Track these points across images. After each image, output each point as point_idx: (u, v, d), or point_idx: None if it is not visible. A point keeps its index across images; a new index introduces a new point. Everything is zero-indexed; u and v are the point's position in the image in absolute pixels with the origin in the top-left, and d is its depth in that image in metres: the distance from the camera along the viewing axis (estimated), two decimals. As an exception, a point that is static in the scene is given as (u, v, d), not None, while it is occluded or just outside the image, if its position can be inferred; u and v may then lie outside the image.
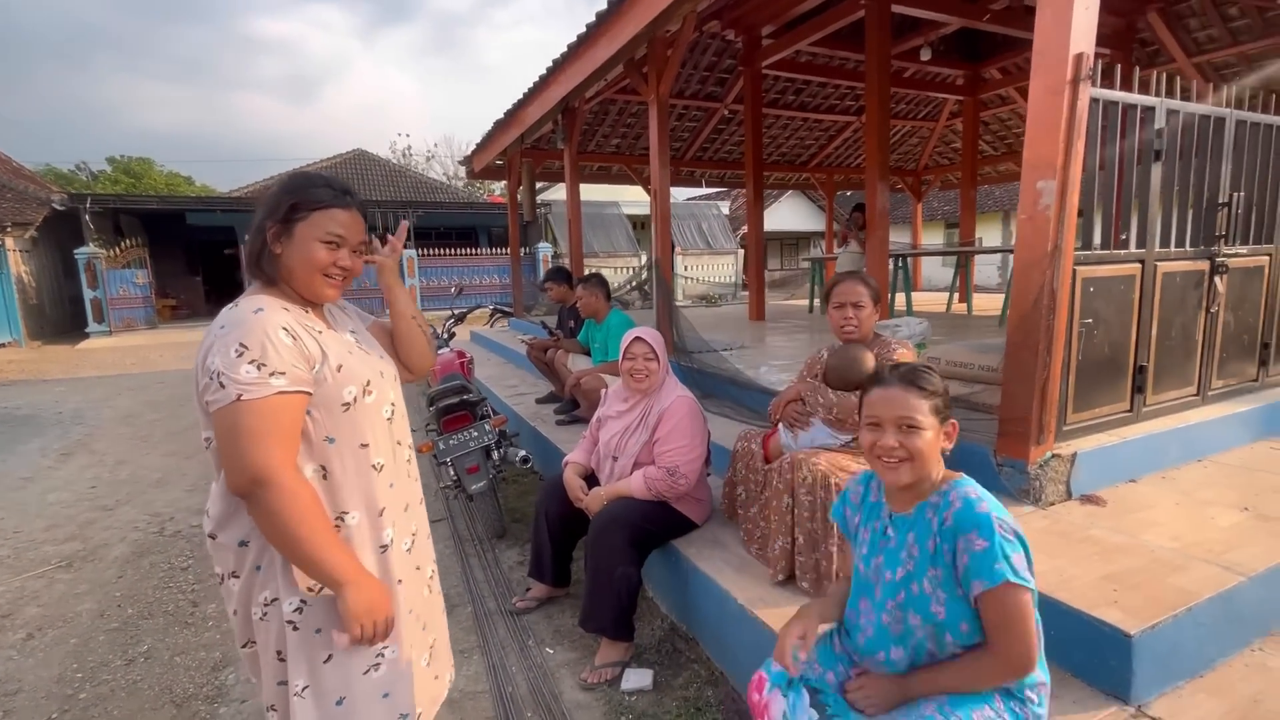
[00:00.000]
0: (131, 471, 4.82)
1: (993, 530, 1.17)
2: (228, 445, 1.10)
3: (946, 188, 12.69)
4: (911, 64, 7.26)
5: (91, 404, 7.44)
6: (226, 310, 1.18)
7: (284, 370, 1.12)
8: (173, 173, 36.38)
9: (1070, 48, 2.07)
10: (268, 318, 1.15)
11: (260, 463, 1.08)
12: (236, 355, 1.10)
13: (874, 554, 1.36)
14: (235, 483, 1.10)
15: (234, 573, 1.21)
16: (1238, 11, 5.95)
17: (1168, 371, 2.78)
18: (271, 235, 1.21)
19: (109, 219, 16.86)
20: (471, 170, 9.98)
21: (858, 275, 2.30)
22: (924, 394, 1.28)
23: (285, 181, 1.26)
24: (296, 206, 1.21)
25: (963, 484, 1.27)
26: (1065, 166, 2.14)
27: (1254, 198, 3.02)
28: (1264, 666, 1.69)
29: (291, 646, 1.18)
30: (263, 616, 1.20)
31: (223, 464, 1.13)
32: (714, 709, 2.01)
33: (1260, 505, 2.26)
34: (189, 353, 11.89)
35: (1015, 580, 1.15)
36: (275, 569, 1.18)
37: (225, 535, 1.20)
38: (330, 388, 1.21)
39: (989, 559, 1.16)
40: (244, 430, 1.08)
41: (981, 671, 1.22)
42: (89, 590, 3.02)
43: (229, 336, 1.12)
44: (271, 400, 1.10)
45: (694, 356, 4.72)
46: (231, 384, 1.08)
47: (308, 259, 1.22)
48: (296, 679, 1.19)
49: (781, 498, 2.09)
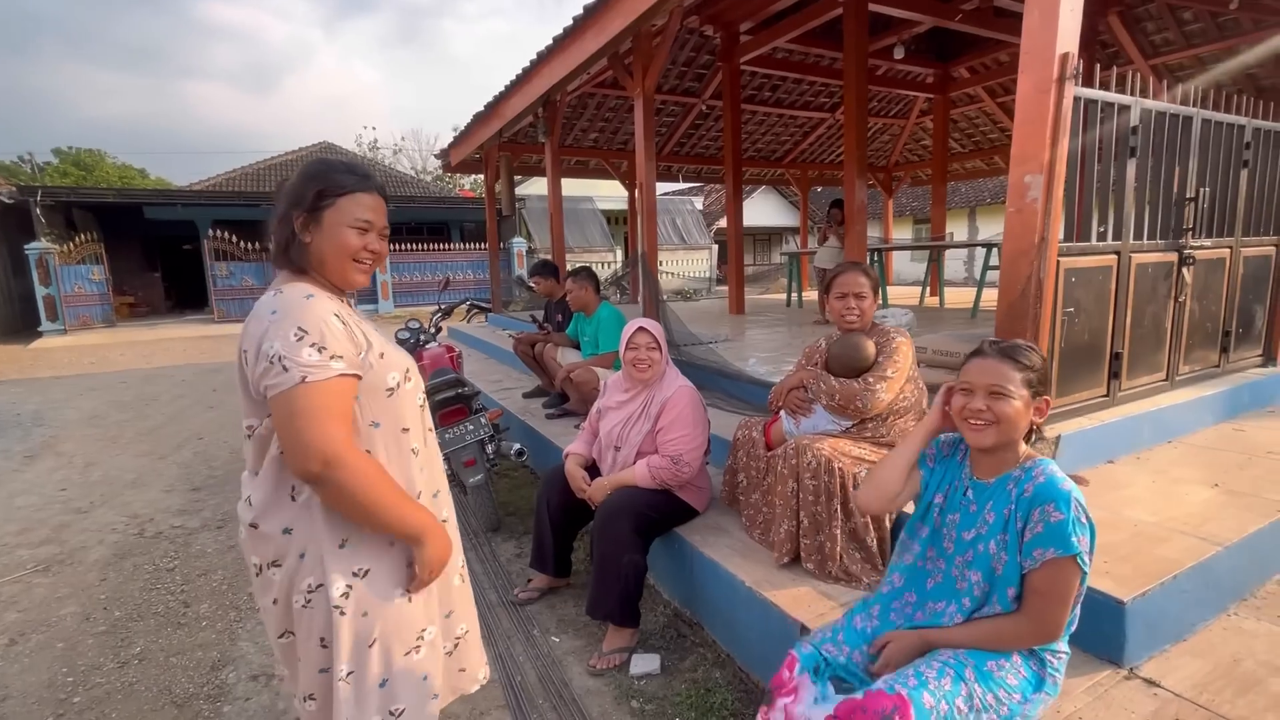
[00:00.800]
0: (104, 473, 4.66)
1: (1070, 506, 1.23)
2: (294, 427, 1.09)
3: (916, 184, 12.99)
4: (884, 62, 7.42)
5: (52, 405, 7.14)
6: (271, 297, 1.17)
7: (342, 354, 1.13)
8: (126, 165, 34.93)
9: (1057, 47, 2.16)
10: (320, 304, 1.16)
11: (331, 442, 1.09)
12: (296, 339, 1.10)
13: (952, 510, 1.43)
14: (304, 465, 1.09)
15: (275, 561, 1.20)
16: (1192, 16, 6.24)
17: (1140, 358, 2.93)
18: (300, 224, 1.21)
19: (61, 213, 16.14)
20: (448, 163, 9.86)
21: (859, 266, 2.34)
22: (1018, 366, 1.34)
23: (307, 169, 1.25)
24: (323, 194, 1.21)
25: (1048, 463, 1.33)
26: (1051, 161, 2.23)
27: (1217, 193, 3.19)
28: (1240, 629, 1.81)
29: (337, 632, 1.19)
30: (306, 604, 1.19)
31: (287, 447, 1.11)
32: (723, 690, 2.06)
33: (1228, 482, 2.40)
34: (150, 351, 11.49)
35: (1079, 559, 1.22)
36: (320, 555, 1.18)
37: (268, 523, 1.19)
38: (376, 374, 1.22)
39: (1064, 531, 1.22)
40: (311, 412, 1.09)
41: (1008, 632, 1.29)
42: (70, 594, 2.92)
43: (285, 321, 1.11)
44: (334, 382, 1.11)
45: (682, 349, 4.76)
46: (295, 367, 1.08)
47: (339, 245, 1.22)
48: (341, 664, 1.19)
49: (786, 482, 2.15)
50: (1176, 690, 1.57)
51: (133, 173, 34.62)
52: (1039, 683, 1.30)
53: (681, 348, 4.81)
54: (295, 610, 1.21)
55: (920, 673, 1.25)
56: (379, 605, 1.22)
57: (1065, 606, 1.25)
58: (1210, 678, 1.61)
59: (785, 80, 8.48)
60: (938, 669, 1.26)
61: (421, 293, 17.82)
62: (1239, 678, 1.60)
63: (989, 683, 1.26)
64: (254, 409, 1.17)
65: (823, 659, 1.45)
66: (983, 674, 1.26)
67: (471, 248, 18.86)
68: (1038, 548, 1.24)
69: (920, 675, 1.24)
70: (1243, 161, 3.28)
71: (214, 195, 18.18)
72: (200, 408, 6.76)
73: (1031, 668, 1.30)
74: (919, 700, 1.18)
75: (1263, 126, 3.34)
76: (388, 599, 1.23)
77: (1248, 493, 2.29)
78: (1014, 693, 1.26)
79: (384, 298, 17.78)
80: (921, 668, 1.27)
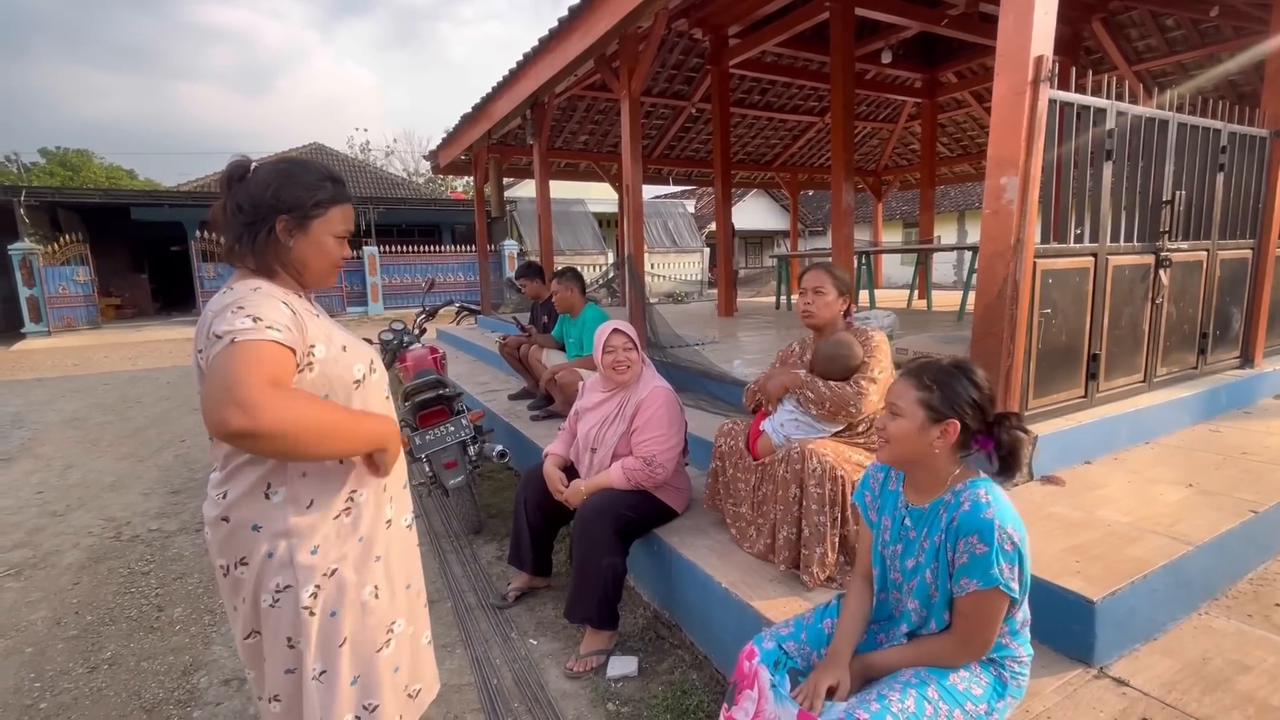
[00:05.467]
0: (82, 476, 4.60)
1: (993, 537, 1.23)
2: (218, 384, 1.02)
3: (905, 188, 13.07)
4: (872, 66, 7.46)
5: (32, 407, 7.05)
6: (220, 295, 1.16)
7: (278, 327, 1.10)
8: (114, 166, 34.65)
9: (1031, 50, 2.18)
10: (267, 290, 1.16)
11: (249, 387, 1.00)
12: (233, 314, 1.08)
13: (895, 541, 1.42)
14: (221, 416, 0.99)
15: (243, 559, 1.18)
16: (1174, 23, 6.32)
17: (1118, 360, 2.95)
18: (282, 227, 1.21)
19: (46, 213, 15.96)
20: (437, 165, 9.82)
21: (826, 265, 2.36)
22: (919, 385, 1.33)
23: (292, 174, 1.23)
24: (319, 203, 1.23)
25: (977, 486, 1.30)
26: (1027, 163, 2.25)
27: (1193, 196, 3.22)
28: (1210, 628, 1.82)
29: (307, 632, 1.18)
30: (274, 604, 1.18)
31: (206, 405, 1.03)
32: (699, 692, 2.05)
33: (1202, 482, 2.42)
34: (136, 353, 11.37)
35: (1004, 589, 1.23)
36: (289, 556, 1.17)
37: (237, 517, 1.17)
38: (341, 366, 1.22)
39: (986, 563, 1.23)
40: (235, 365, 1.02)
41: (939, 652, 1.31)
42: (42, 598, 2.88)
43: (227, 307, 1.11)
44: (265, 344, 1.06)
45: (668, 351, 4.76)
46: (227, 334, 1.06)
47: (325, 253, 1.25)
48: (313, 664, 1.19)
49: (789, 488, 2.10)
50: (1145, 689, 1.57)
51: (121, 173, 34.34)
52: (1001, 688, 1.30)
53: (667, 349, 4.81)
54: (263, 610, 1.19)
55: (883, 695, 1.25)
56: (348, 605, 1.22)
57: (990, 629, 1.27)
58: (1179, 676, 1.62)
59: (774, 84, 8.51)
60: (900, 689, 1.26)
61: (412, 295, 17.74)
62: (1207, 676, 1.61)
63: (954, 697, 1.26)
64: None
65: (782, 653, 1.46)
66: (946, 689, 1.26)
67: (462, 250, 18.80)
68: (964, 577, 1.26)
69: (883, 698, 1.24)
70: (1219, 165, 3.31)
71: (202, 196, 18.03)
72: (184, 410, 6.69)
73: (992, 673, 1.30)
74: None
75: (1238, 131, 3.38)
76: (356, 598, 1.23)
77: (1221, 492, 2.31)
78: (980, 703, 1.27)
79: (374, 300, 17.70)
80: (884, 689, 1.27)
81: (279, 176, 1.22)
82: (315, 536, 1.19)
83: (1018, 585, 1.23)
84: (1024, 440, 1.31)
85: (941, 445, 1.32)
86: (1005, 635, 1.30)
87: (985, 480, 1.32)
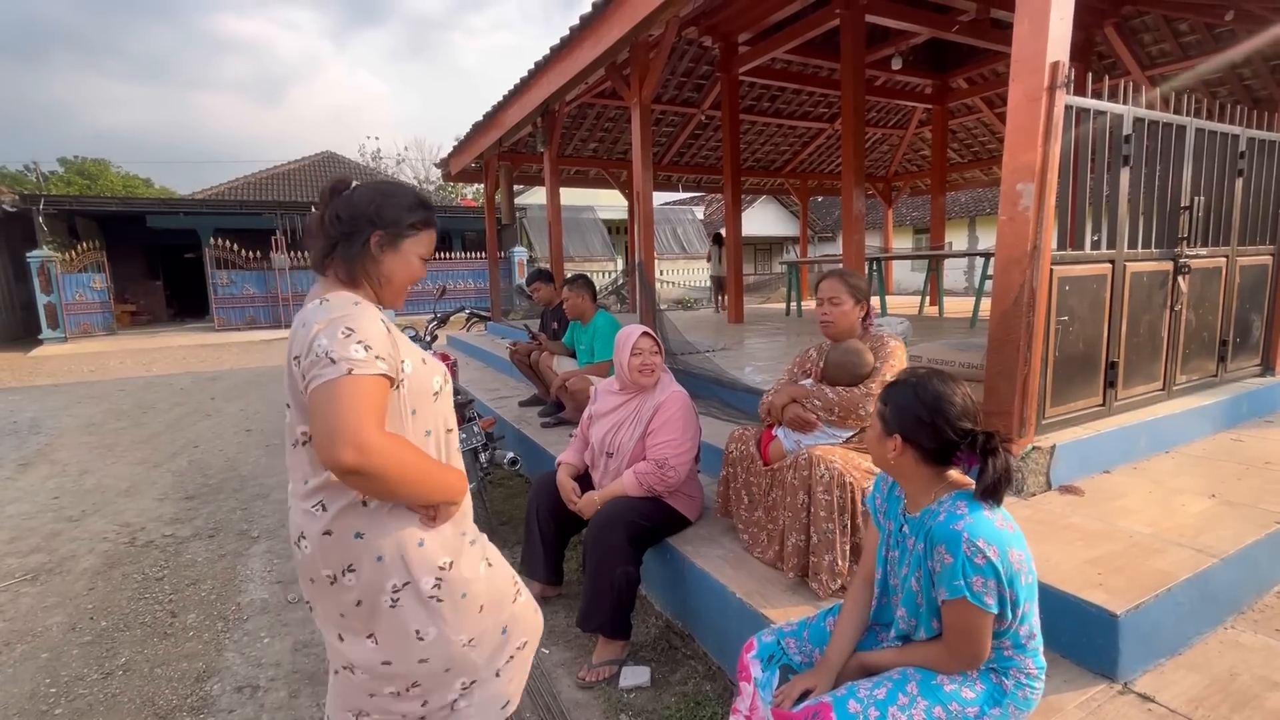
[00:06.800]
0: (97, 481, 4.64)
1: (959, 548, 1.21)
2: (332, 416, 1.09)
3: (916, 194, 13.03)
4: (883, 72, 7.45)
5: (49, 412, 7.14)
6: (318, 305, 1.20)
7: (384, 356, 1.16)
8: (130, 175, 35.17)
9: (1047, 56, 2.16)
10: (368, 309, 1.21)
11: (366, 430, 1.09)
12: (344, 336, 1.14)
13: (894, 547, 1.43)
14: (337, 454, 1.08)
15: (350, 567, 1.22)
16: (1188, 27, 6.27)
17: (1136, 367, 2.91)
18: (376, 242, 1.27)
19: (64, 221, 16.23)
20: (448, 172, 9.90)
21: (840, 273, 2.35)
22: (881, 394, 1.40)
23: (393, 194, 1.31)
24: (415, 225, 1.30)
25: (959, 498, 1.29)
26: (1043, 169, 2.23)
27: (1212, 202, 3.18)
28: (1237, 643, 1.78)
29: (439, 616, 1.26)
30: (393, 604, 1.23)
31: (322, 436, 1.11)
32: (713, 703, 2.03)
33: (1226, 492, 2.37)
34: (151, 359, 11.50)
35: (970, 599, 1.21)
36: (400, 556, 1.22)
37: (340, 530, 1.21)
38: (423, 380, 1.27)
39: (951, 573, 1.22)
40: (350, 401, 1.10)
41: (932, 659, 1.30)
42: (58, 603, 2.90)
43: (335, 322, 1.15)
44: (376, 380, 1.14)
45: (678, 358, 4.75)
46: (343, 360, 1.11)
47: (409, 272, 1.32)
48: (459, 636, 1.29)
49: (797, 494, 2.09)
50: (1171, 706, 1.53)
51: (137, 182, 34.85)
52: (1000, 696, 1.28)
53: (678, 356, 4.80)
54: (383, 612, 1.23)
55: (854, 685, 1.28)
56: (473, 581, 1.31)
57: (973, 642, 1.25)
58: (1206, 693, 1.58)
59: (784, 90, 8.53)
60: (875, 681, 1.28)
61: (423, 301, 17.80)
62: (1235, 693, 1.57)
63: (937, 695, 1.25)
64: (304, 414, 1.20)
65: (780, 649, 1.48)
66: (929, 688, 1.26)
67: (473, 256, 18.89)
68: (938, 586, 1.26)
69: (852, 686, 1.27)
70: (1238, 170, 3.27)
71: (216, 204, 18.28)
72: (198, 416, 6.75)
73: (991, 680, 1.28)
74: (843, 706, 1.23)
75: (1257, 136, 3.34)
76: (477, 573, 1.32)
77: (1245, 503, 2.26)
78: (969, 705, 1.25)
79: (385, 306, 17.81)
80: (859, 681, 1.29)
81: (380, 194, 1.30)
82: (417, 532, 1.25)
83: (994, 600, 1.20)
84: (1003, 462, 1.25)
85: (896, 458, 1.34)
86: (1008, 647, 1.28)
87: (968, 494, 1.30)
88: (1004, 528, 1.25)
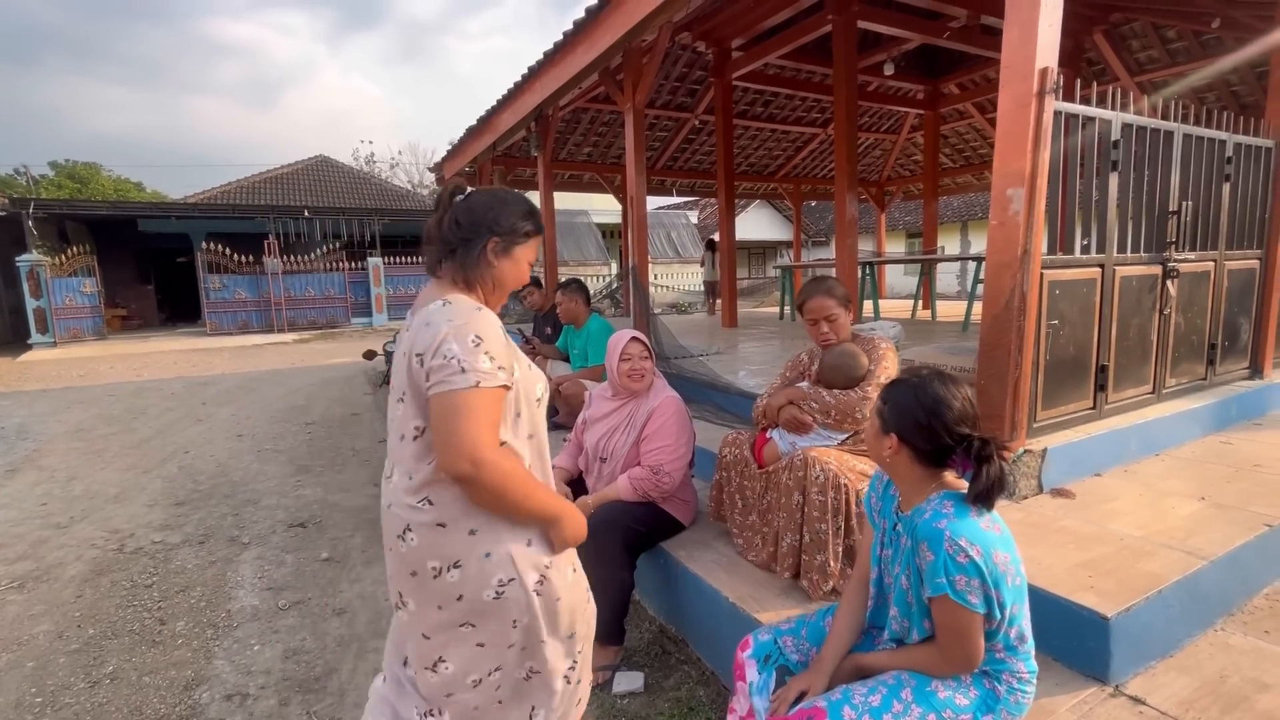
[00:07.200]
0: (85, 487, 4.60)
1: (940, 546, 1.22)
2: (455, 426, 1.17)
3: (909, 199, 13.09)
4: (875, 78, 7.50)
5: (37, 418, 7.07)
6: (441, 306, 1.26)
7: (505, 366, 1.24)
8: (122, 178, 34.91)
9: (1036, 62, 2.18)
10: (490, 317, 1.27)
11: (483, 446, 1.17)
12: (474, 345, 1.20)
13: (888, 545, 1.43)
14: (455, 463, 1.16)
15: (457, 562, 1.26)
16: (1175, 34, 6.34)
17: (1126, 371, 2.93)
18: (492, 247, 1.33)
19: (54, 225, 16.12)
20: (441, 177, 9.89)
21: (823, 287, 2.31)
22: (881, 393, 1.41)
23: (508, 202, 1.37)
24: (529, 232, 1.38)
25: (946, 498, 1.29)
26: (1033, 174, 2.24)
27: (1200, 206, 3.21)
28: (1227, 645, 1.79)
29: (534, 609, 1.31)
30: (497, 596, 1.28)
31: (444, 443, 1.18)
32: (706, 708, 2.02)
33: (1215, 495, 2.39)
34: (141, 364, 11.41)
35: (953, 597, 1.21)
36: (508, 553, 1.27)
37: (456, 525, 1.26)
38: (529, 384, 1.33)
39: (933, 571, 1.23)
40: (474, 413, 1.18)
41: (925, 661, 1.30)
42: (45, 611, 2.86)
43: (464, 328, 1.21)
44: (497, 391, 1.22)
45: (672, 362, 4.75)
46: (472, 371, 1.18)
47: (518, 276, 1.40)
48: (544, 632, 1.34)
49: (791, 495, 2.10)
50: (1162, 708, 1.54)
51: (129, 186, 34.62)
52: (993, 702, 1.27)
53: (671, 360, 4.80)
54: (484, 603, 1.28)
55: (848, 689, 1.28)
56: (565, 587, 1.37)
57: (961, 642, 1.24)
58: (1197, 695, 1.59)
59: (777, 96, 8.56)
60: (870, 686, 1.28)
61: (416, 305, 17.79)
62: (1225, 695, 1.58)
63: (931, 702, 1.25)
64: (419, 410, 1.26)
65: (777, 648, 1.48)
66: (923, 694, 1.26)
67: (466, 261, 18.85)
68: (923, 585, 1.26)
69: (848, 692, 1.27)
70: (1225, 176, 3.30)
71: (208, 208, 18.19)
72: (188, 421, 6.70)
73: (984, 686, 1.28)
74: (838, 712, 1.24)
75: (1244, 141, 3.38)
76: (565, 579, 1.38)
77: (1234, 506, 2.28)
78: (963, 713, 1.25)
79: (378, 311, 17.76)
80: (853, 685, 1.29)
81: (497, 202, 1.36)
82: (526, 532, 1.31)
83: (980, 600, 1.20)
84: (996, 469, 1.24)
85: (891, 456, 1.35)
86: (1000, 650, 1.27)
87: (957, 495, 1.30)
88: (990, 529, 1.25)
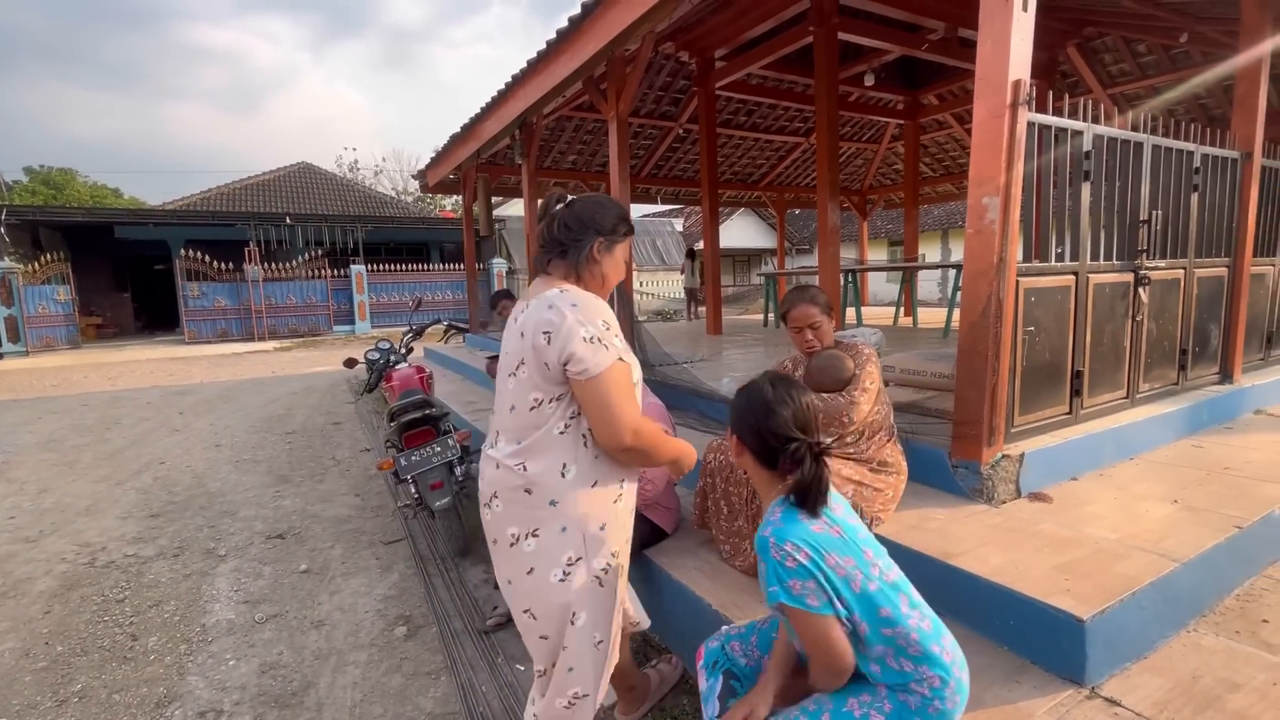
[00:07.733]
0: (56, 500, 4.48)
1: (768, 553, 1.21)
2: (612, 403, 1.34)
3: (890, 207, 13.27)
4: (856, 88, 7.60)
5: (7, 429, 6.89)
6: (560, 294, 1.42)
7: (626, 347, 1.43)
8: (98, 185, 34.35)
9: (1009, 74, 2.23)
10: (605, 304, 1.45)
11: (635, 417, 1.36)
12: (605, 327, 1.39)
13: None
14: (619, 437, 1.33)
15: (534, 531, 1.35)
16: (1146, 48, 6.51)
17: (1101, 376, 2.98)
18: (597, 246, 1.51)
19: (27, 232, 15.80)
20: (425, 184, 9.84)
21: (807, 295, 2.33)
22: None
23: (607, 206, 1.55)
24: (627, 232, 1.57)
25: (778, 504, 1.29)
26: (1008, 184, 2.29)
27: (1169, 215, 3.29)
28: (1199, 646, 1.82)
29: (592, 595, 1.42)
30: (563, 578, 1.37)
31: (605, 421, 1.34)
32: (689, 717, 2.01)
33: (1187, 498, 2.43)
34: (116, 373, 11.17)
35: (790, 603, 1.18)
36: (582, 533, 1.38)
37: (539, 490, 1.37)
38: (635, 368, 1.48)
39: (766, 580, 1.22)
40: (622, 390, 1.36)
41: (814, 676, 1.27)
42: (11, 628, 2.78)
43: (590, 313, 1.38)
44: (628, 367, 1.41)
45: (656, 369, 4.75)
46: (612, 348, 1.37)
47: (619, 271, 1.57)
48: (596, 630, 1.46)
49: None
50: (1137, 709, 1.56)
51: (106, 192, 34.04)
52: (906, 715, 1.23)
53: (656, 368, 4.80)
54: (550, 585, 1.38)
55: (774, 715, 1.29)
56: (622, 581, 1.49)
57: (819, 648, 1.21)
58: (1170, 696, 1.61)
59: (760, 105, 8.65)
60: (794, 714, 1.28)
61: (399, 313, 17.66)
62: (1198, 695, 1.60)
63: None
64: (547, 385, 1.39)
65: (724, 654, 1.48)
66: (840, 715, 1.24)
67: (451, 268, 18.77)
68: None
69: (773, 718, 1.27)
70: (1193, 186, 3.39)
71: (187, 215, 17.93)
72: (164, 431, 6.57)
73: (897, 699, 1.24)
74: None
75: (1211, 153, 3.47)
76: (622, 574, 1.51)
77: (1206, 508, 2.32)
78: None
79: (361, 318, 17.58)
80: (778, 712, 1.30)
81: (599, 207, 1.53)
82: (602, 515, 1.42)
83: (819, 602, 1.17)
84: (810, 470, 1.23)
85: (737, 458, 1.39)
86: (892, 658, 1.22)
87: (787, 501, 1.28)
88: (823, 532, 1.22)
